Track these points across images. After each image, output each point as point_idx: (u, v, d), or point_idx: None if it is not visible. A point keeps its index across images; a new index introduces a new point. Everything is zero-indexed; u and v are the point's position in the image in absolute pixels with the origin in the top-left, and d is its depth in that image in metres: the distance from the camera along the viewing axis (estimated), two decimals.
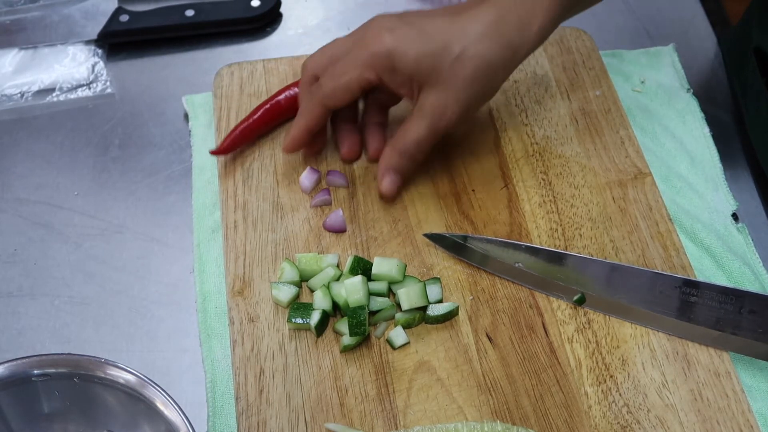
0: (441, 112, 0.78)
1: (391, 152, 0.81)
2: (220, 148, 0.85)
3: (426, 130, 0.79)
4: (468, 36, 0.76)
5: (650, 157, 0.88)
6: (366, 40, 0.77)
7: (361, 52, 0.77)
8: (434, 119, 0.78)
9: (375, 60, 0.76)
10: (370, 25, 0.78)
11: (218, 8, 0.99)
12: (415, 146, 0.80)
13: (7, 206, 0.86)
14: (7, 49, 0.97)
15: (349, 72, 0.77)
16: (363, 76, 0.77)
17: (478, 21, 0.76)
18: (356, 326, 0.74)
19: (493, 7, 0.77)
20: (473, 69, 0.76)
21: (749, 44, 0.92)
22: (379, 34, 0.76)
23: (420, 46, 0.76)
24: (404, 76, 0.77)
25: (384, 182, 0.82)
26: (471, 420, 0.71)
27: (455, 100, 0.78)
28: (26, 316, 0.79)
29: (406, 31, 0.76)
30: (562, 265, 0.78)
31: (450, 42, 0.76)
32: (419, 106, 0.79)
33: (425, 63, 0.76)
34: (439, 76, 0.76)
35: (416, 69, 0.76)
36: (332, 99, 0.79)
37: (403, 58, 0.76)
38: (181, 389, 0.74)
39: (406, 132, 0.80)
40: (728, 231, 0.84)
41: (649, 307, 0.76)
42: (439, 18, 0.78)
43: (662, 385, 0.73)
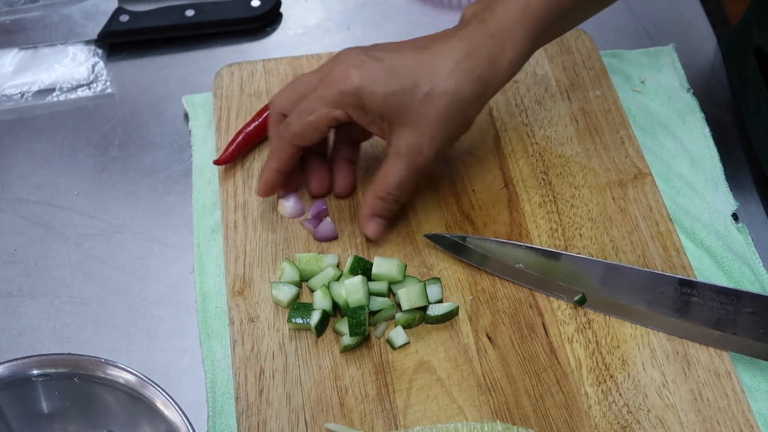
0: (417, 151, 0.76)
1: (373, 198, 0.79)
2: (223, 158, 0.85)
3: (405, 171, 0.77)
4: (437, 72, 0.75)
5: (650, 157, 0.88)
6: (333, 76, 0.75)
7: (328, 89, 0.75)
8: (411, 159, 0.77)
9: (343, 98, 0.75)
10: (338, 60, 0.77)
11: (218, 8, 0.99)
12: (397, 189, 0.78)
13: (7, 206, 0.86)
14: (7, 49, 0.97)
15: (316, 110, 0.76)
16: (331, 114, 0.76)
17: (448, 57, 0.75)
18: (356, 326, 0.74)
19: (463, 41, 0.76)
20: (444, 106, 0.75)
21: (749, 44, 0.92)
22: (346, 71, 0.75)
23: (388, 84, 0.74)
24: (374, 114, 0.76)
25: (369, 228, 0.80)
26: (471, 420, 0.71)
27: (429, 138, 0.76)
28: (26, 316, 0.79)
29: (373, 68, 0.75)
30: (563, 266, 0.77)
31: (419, 79, 0.74)
32: (394, 147, 0.77)
33: (394, 101, 0.74)
34: (410, 115, 0.75)
35: (385, 107, 0.75)
36: (301, 138, 0.77)
37: (371, 97, 0.74)
38: (181, 389, 0.74)
39: (385, 176, 0.78)
40: (728, 231, 0.84)
41: (650, 308, 0.76)
42: (408, 53, 0.76)
43: (662, 385, 0.73)
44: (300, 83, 0.79)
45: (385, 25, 1.01)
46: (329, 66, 0.77)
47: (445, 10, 1.03)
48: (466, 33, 0.76)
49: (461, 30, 0.77)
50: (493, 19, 0.76)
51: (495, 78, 0.77)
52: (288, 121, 0.77)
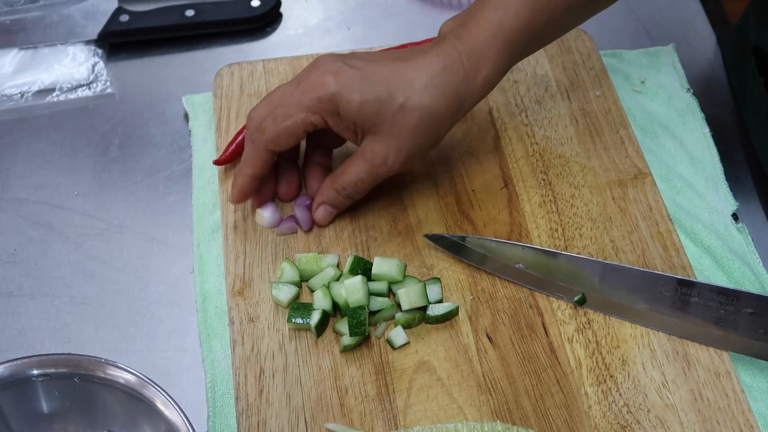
0: (382, 160, 0.77)
1: (329, 187, 0.80)
2: (223, 158, 0.85)
3: (365, 174, 0.78)
4: (412, 86, 0.75)
5: (650, 157, 0.88)
6: (309, 82, 0.75)
7: (304, 95, 0.75)
8: (374, 167, 0.78)
9: (319, 104, 0.75)
10: (315, 66, 0.77)
11: (218, 8, 0.99)
12: (353, 187, 0.79)
13: (7, 206, 0.86)
14: (7, 49, 0.97)
15: (293, 115, 0.76)
16: (307, 119, 0.76)
17: (423, 71, 0.75)
18: (356, 326, 0.74)
19: (439, 57, 0.76)
20: (416, 120, 0.76)
21: (748, 44, 0.92)
22: (322, 77, 0.75)
23: (364, 92, 0.74)
24: (348, 121, 0.76)
25: (318, 212, 0.81)
26: (471, 420, 0.71)
27: (397, 149, 0.77)
28: (26, 316, 0.79)
29: (350, 76, 0.75)
30: (563, 266, 0.77)
31: (394, 91, 0.75)
32: (361, 150, 0.78)
33: (368, 110, 0.75)
34: (382, 125, 0.76)
35: (359, 115, 0.75)
36: (276, 143, 0.77)
37: (347, 104, 0.75)
38: (181, 389, 0.74)
39: (345, 172, 0.79)
40: (728, 231, 0.84)
41: (650, 307, 0.76)
42: (385, 64, 0.76)
43: (662, 385, 0.73)
44: (276, 94, 0.78)
45: (385, 25, 1.01)
46: (305, 73, 0.77)
47: (445, 10, 1.03)
48: (443, 49, 0.77)
49: (438, 45, 0.77)
50: (468, 37, 0.77)
51: (469, 95, 0.77)
52: (263, 126, 0.77)
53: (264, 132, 0.77)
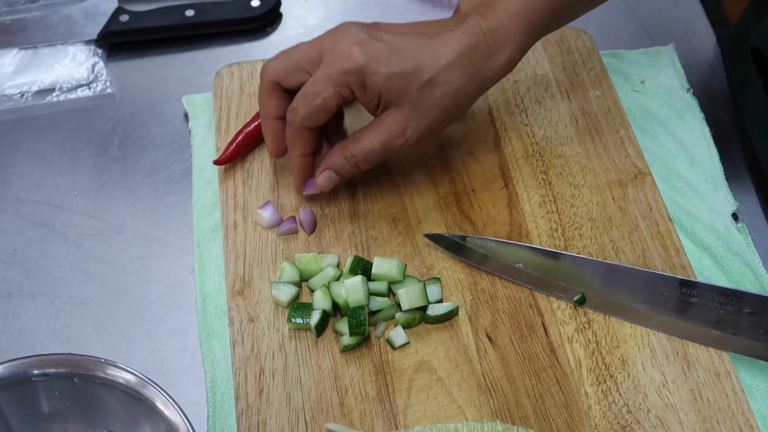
0: (401, 132, 0.77)
1: (338, 153, 0.80)
2: (223, 158, 0.85)
3: (380, 145, 0.78)
4: (438, 62, 0.76)
5: (650, 157, 0.88)
6: (336, 54, 0.75)
7: (332, 68, 0.75)
8: (391, 137, 0.78)
9: (346, 77, 0.75)
10: (338, 36, 0.76)
11: (218, 8, 0.99)
12: (364, 156, 0.79)
13: (7, 206, 0.86)
14: (7, 49, 0.97)
15: (324, 91, 0.76)
16: (337, 93, 0.76)
17: (450, 48, 0.76)
18: (356, 326, 0.74)
19: (464, 35, 0.76)
20: (441, 96, 0.76)
21: (747, 44, 0.92)
22: (349, 49, 0.75)
23: (391, 65, 0.75)
24: (373, 93, 0.76)
25: (322, 177, 0.81)
26: (471, 420, 0.71)
27: (417, 122, 0.77)
28: (26, 316, 0.79)
29: (377, 48, 0.75)
30: (563, 266, 0.77)
31: (421, 65, 0.75)
32: (380, 120, 0.78)
33: (395, 83, 0.75)
34: (407, 98, 0.76)
35: (385, 88, 0.75)
36: (311, 121, 0.78)
37: (373, 77, 0.75)
38: (181, 389, 0.74)
39: (359, 140, 0.79)
40: (728, 231, 0.84)
41: (650, 308, 0.76)
42: (411, 39, 0.76)
43: (662, 385, 0.73)
44: (296, 54, 0.78)
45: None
46: (329, 40, 0.77)
47: (445, 9, 1.03)
48: (467, 27, 0.77)
49: (462, 23, 0.77)
50: (493, 15, 0.77)
51: (493, 74, 0.78)
52: (294, 107, 0.77)
53: (297, 113, 0.77)
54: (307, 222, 0.82)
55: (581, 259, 0.78)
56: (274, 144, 0.82)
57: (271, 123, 0.81)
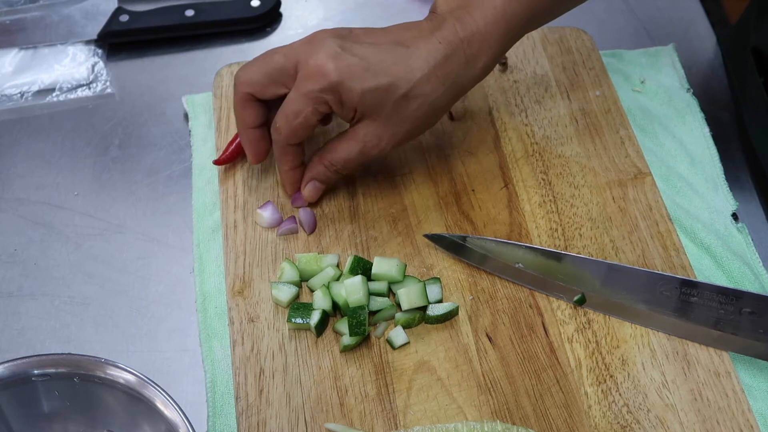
0: (375, 143, 0.78)
1: (318, 163, 0.81)
2: (223, 158, 0.85)
3: (356, 154, 0.79)
4: (414, 75, 0.75)
5: (650, 157, 0.88)
6: (310, 70, 0.75)
7: (308, 85, 0.75)
8: (367, 148, 0.79)
9: (323, 94, 0.75)
10: (312, 46, 0.76)
11: (218, 8, 0.99)
12: (343, 164, 0.80)
13: (7, 206, 0.86)
14: (7, 49, 0.97)
15: (302, 110, 0.76)
16: (316, 110, 0.76)
17: (425, 59, 0.76)
18: (356, 326, 0.74)
19: (441, 44, 0.76)
20: (416, 108, 0.77)
21: (747, 44, 0.92)
22: (324, 65, 0.74)
23: (366, 82, 0.75)
24: (349, 107, 0.76)
25: (307, 188, 0.82)
26: (471, 420, 0.71)
27: (392, 134, 0.78)
28: (26, 316, 0.79)
29: (351, 63, 0.75)
30: (562, 266, 0.77)
31: (396, 80, 0.75)
32: (354, 131, 0.78)
33: (370, 98, 0.75)
34: (382, 111, 0.76)
35: (360, 103, 0.76)
36: (295, 138, 0.79)
37: (348, 93, 0.75)
38: (181, 389, 0.74)
39: (336, 149, 0.80)
40: (728, 231, 0.84)
41: (650, 308, 0.76)
42: (386, 48, 0.76)
43: (662, 385, 0.73)
44: (268, 64, 0.78)
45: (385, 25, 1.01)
46: (302, 51, 0.76)
47: None
48: (444, 35, 0.76)
49: (438, 29, 0.77)
50: (470, 21, 0.77)
51: (468, 81, 0.78)
52: (277, 126, 0.78)
53: (281, 132, 0.78)
54: (307, 222, 0.82)
55: (581, 259, 0.78)
56: (252, 153, 0.82)
57: (248, 132, 0.81)
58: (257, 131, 0.81)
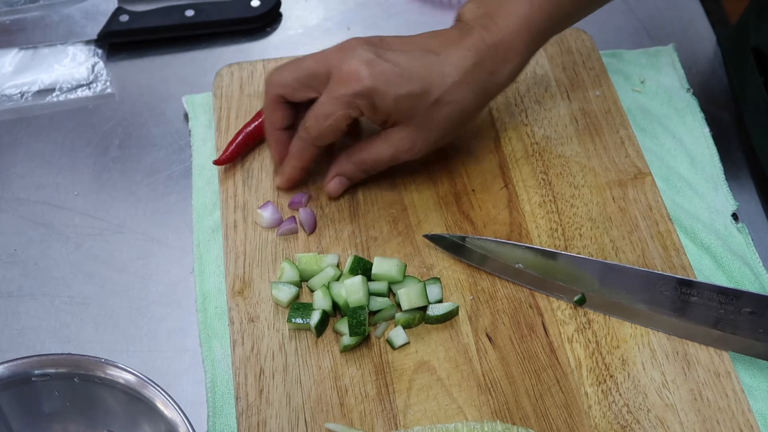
0: (408, 147, 0.79)
1: (346, 161, 0.82)
2: (223, 158, 0.85)
3: (388, 157, 0.80)
4: (446, 81, 0.77)
5: (650, 157, 0.88)
6: (344, 75, 0.76)
7: (341, 90, 0.76)
8: (399, 152, 0.80)
9: (356, 99, 0.76)
10: (345, 53, 0.77)
11: (218, 8, 0.99)
12: (372, 165, 0.81)
13: (7, 206, 0.86)
14: (7, 49, 0.97)
15: (334, 113, 0.77)
16: (347, 114, 0.77)
17: (456, 66, 0.77)
18: (356, 326, 0.74)
19: (470, 51, 0.77)
20: (448, 114, 0.78)
21: (748, 44, 0.92)
22: (357, 71, 0.75)
23: (399, 87, 0.76)
24: (382, 112, 0.77)
25: (332, 183, 0.83)
26: (471, 420, 0.71)
27: (424, 139, 0.79)
28: (26, 316, 0.79)
29: (385, 70, 0.75)
30: (562, 266, 0.77)
31: (429, 86, 0.76)
32: (388, 134, 0.79)
33: (403, 104, 0.76)
34: (415, 117, 0.78)
35: (394, 108, 0.77)
36: (322, 140, 0.79)
37: (382, 99, 0.76)
38: (181, 389, 0.74)
39: (368, 149, 0.81)
40: (728, 231, 0.84)
41: (649, 308, 0.76)
42: (418, 57, 0.77)
43: (662, 385, 0.73)
44: (303, 70, 0.79)
45: (385, 25, 1.01)
46: (335, 57, 0.77)
47: (444, 9, 1.03)
48: (472, 42, 0.78)
49: (466, 37, 0.78)
50: (496, 29, 0.78)
51: (496, 88, 0.80)
52: (307, 126, 0.79)
53: (309, 132, 0.79)
54: (307, 222, 0.82)
55: (581, 259, 0.78)
56: (278, 152, 0.83)
57: (276, 134, 0.82)
58: (284, 133, 0.82)
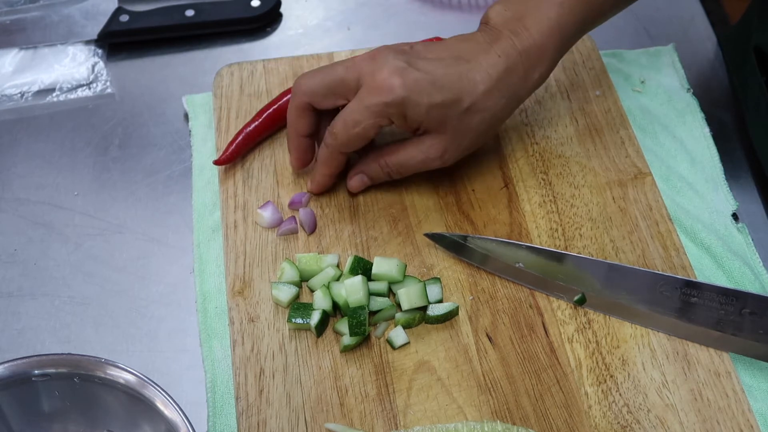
0: (439, 154, 0.80)
1: (373, 161, 0.82)
2: (223, 158, 0.85)
3: (417, 162, 0.81)
4: (477, 89, 0.77)
5: (650, 157, 0.88)
6: (376, 84, 0.76)
7: (372, 98, 0.76)
8: (430, 159, 0.80)
9: (387, 109, 0.76)
10: (376, 62, 0.77)
11: (218, 8, 0.99)
12: (398, 168, 0.81)
13: (7, 206, 0.86)
14: (7, 49, 0.97)
15: (363, 121, 0.77)
16: (376, 123, 0.77)
17: (487, 74, 0.77)
18: (356, 326, 0.74)
19: (501, 58, 0.77)
20: (479, 121, 0.78)
21: (749, 43, 0.92)
22: (389, 80, 0.75)
23: (432, 96, 0.76)
24: (413, 122, 0.77)
25: (354, 180, 0.83)
26: (471, 420, 0.71)
27: (456, 146, 0.80)
28: (26, 316, 0.79)
29: (416, 78, 0.75)
30: (563, 266, 0.77)
31: (460, 95, 0.76)
32: (419, 141, 0.80)
33: (436, 113, 0.77)
34: (446, 126, 0.78)
35: (426, 118, 0.77)
36: (349, 146, 0.79)
37: (414, 108, 0.76)
38: (181, 389, 0.74)
39: (397, 153, 0.81)
40: (728, 231, 0.84)
41: (650, 308, 0.76)
42: (450, 65, 0.77)
43: (662, 385, 0.73)
44: (332, 77, 0.79)
45: (385, 25, 1.01)
46: (366, 65, 0.77)
47: (445, 10, 1.03)
48: (502, 48, 0.78)
49: (496, 43, 0.78)
50: (526, 34, 0.78)
51: (526, 92, 0.80)
52: (334, 132, 0.78)
53: (336, 138, 0.79)
54: (307, 222, 0.82)
55: (582, 259, 0.78)
56: (297, 159, 0.83)
57: (299, 140, 0.82)
58: (307, 140, 0.82)
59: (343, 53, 0.94)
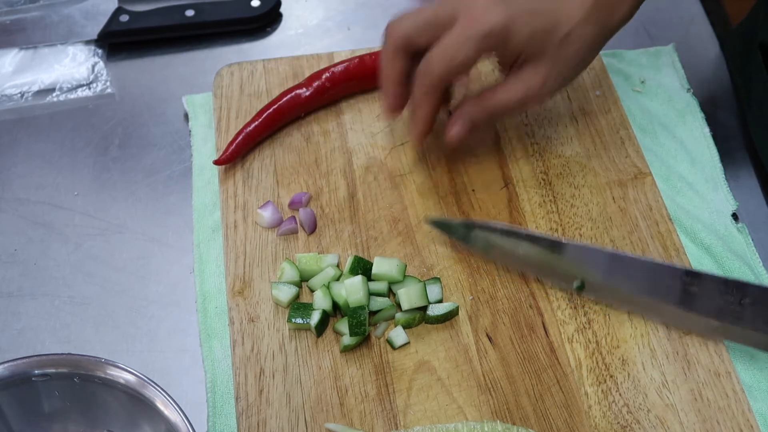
0: (540, 84, 0.79)
1: (474, 105, 0.81)
2: (223, 158, 0.85)
3: (519, 98, 0.79)
4: (574, 17, 0.77)
5: (650, 157, 0.88)
6: (476, 14, 0.76)
7: (473, 26, 0.76)
8: (531, 90, 0.79)
9: (488, 39, 0.76)
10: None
11: (218, 8, 0.99)
12: (501, 109, 0.80)
13: (7, 206, 0.86)
14: (7, 49, 0.97)
15: (464, 49, 0.76)
16: (476, 54, 0.77)
17: (580, 3, 0.78)
18: (356, 326, 0.74)
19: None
20: (576, 49, 0.79)
21: (755, 40, 0.92)
22: (491, 8, 0.76)
23: (532, 24, 0.76)
24: (513, 51, 0.78)
25: (455, 128, 0.81)
26: (471, 420, 0.71)
27: (556, 75, 0.79)
28: (26, 316, 0.79)
29: (516, 8, 0.76)
30: (565, 254, 0.77)
31: (559, 22, 0.77)
32: (518, 75, 0.79)
33: (537, 40, 0.77)
34: (546, 53, 0.78)
35: (528, 45, 0.77)
36: (448, 77, 0.78)
37: (517, 35, 0.76)
38: (181, 389, 0.74)
39: (497, 93, 0.80)
40: (728, 231, 0.84)
41: (652, 298, 0.75)
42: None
43: (662, 385, 0.73)
44: (426, 14, 0.78)
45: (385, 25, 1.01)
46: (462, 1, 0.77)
47: None
48: None
49: None
50: None
51: (615, 25, 0.81)
52: (429, 64, 0.77)
53: (434, 72, 0.78)
54: (307, 222, 0.82)
55: (585, 248, 0.78)
56: (391, 104, 0.82)
57: (393, 87, 0.81)
58: (401, 86, 0.81)
59: (343, 53, 0.94)
